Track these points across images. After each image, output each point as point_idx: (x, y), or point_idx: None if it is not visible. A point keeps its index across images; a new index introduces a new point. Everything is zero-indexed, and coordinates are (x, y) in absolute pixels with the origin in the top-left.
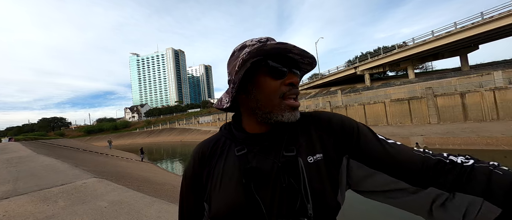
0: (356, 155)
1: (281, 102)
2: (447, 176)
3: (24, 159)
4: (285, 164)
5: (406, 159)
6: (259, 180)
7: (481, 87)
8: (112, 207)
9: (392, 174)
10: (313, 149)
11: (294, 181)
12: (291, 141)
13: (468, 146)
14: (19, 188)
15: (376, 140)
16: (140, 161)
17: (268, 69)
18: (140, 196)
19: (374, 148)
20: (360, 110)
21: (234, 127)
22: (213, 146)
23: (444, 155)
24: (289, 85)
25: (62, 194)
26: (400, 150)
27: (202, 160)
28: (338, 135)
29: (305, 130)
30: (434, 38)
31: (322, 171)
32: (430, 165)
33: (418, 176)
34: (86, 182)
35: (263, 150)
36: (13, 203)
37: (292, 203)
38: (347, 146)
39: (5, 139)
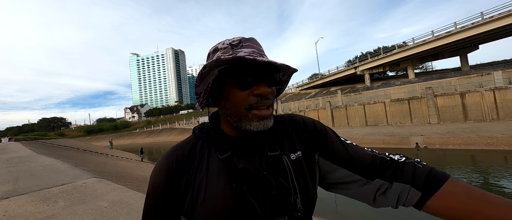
0: (325, 153)
1: (248, 112)
2: (388, 170)
3: (24, 159)
4: (273, 164)
5: (361, 157)
6: (249, 182)
7: (481, 87)
8: (112, 207)
9: (350, 169)
10: (293, 147)
11: (283, 179)
12: (274, 141)
13: (468, 146)
14: (19, 188)
15: (339, 141)
16: (140, 161)
17: (233, 79)
18: (140, 196)
19: (338, 148)
20: (360, 110)
21: (212, 129)
22: (189, 151)
23: (386, 154)
24: (258, 96)
25: (62, 194)
26: (356, 150)
27: (179, 168)
28: (311, 135)
29: (284, 131)
30: (434, 38)
31: (303, 167)
32: (377, 161)
33: (368, 170)
34: (86, 182)
35: (247, 152)
36: (13, 203)
37: (283, 200)
38: (318, 145)
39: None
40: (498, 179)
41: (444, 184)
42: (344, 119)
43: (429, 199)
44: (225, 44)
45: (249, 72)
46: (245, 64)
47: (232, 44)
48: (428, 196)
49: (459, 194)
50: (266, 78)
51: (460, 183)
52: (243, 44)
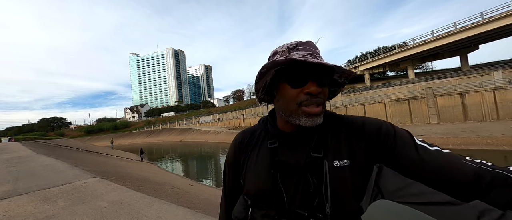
0: (391, 163)
1: (298, 109)
2: (505, 191)
3: (24, 159)
4: (310, 164)
5: (454, 169)
6: (285, 172)
7: (481, 87)
8: (112, 207)
9: (433, 186)
10: (340, 153)
11: (317, 180)
12: (320, 143)
13: (468, 146)
14: (19, 188)
15: (414, 147)
16: (140, 161)
17: (286, 77)
18: (140, 196)
19: (411, 156)
20: (360, 110)
21: (269, 122)
22: (250, 136)
23: (510, 169)
24: (308, 94)
25: (62, 194)
26: (447, 159)
27: (241, 146)
28: (370, 142)
29: (335, 134)
30: (434, 38)
31: (346, 176)
32: (486, 179)
33: (466, 188)
34: (86, 182)
35: (292, 147)
36: (13, 203)
37: (312, 199)
38: (380, 154)
39: (5, 139)
40: None
41: None
42: None
43: None
44: (283, 47)
45: (301, 72)
46: (298, 64)
47: (289, 47)
48: None
49: None
50: (318, 78)
51: None
52: (299, 47)
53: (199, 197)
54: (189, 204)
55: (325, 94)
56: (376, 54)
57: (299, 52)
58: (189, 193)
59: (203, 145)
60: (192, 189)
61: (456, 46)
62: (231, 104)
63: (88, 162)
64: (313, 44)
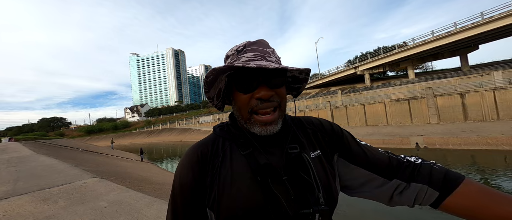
0: (343, 154)
1: (251, 116)
2: (405, 171)
3: (24, 159)
4: (295, 159)
5: (378, 157)
6: (273, 176)
7: (481, 87)
8: (112, 207)
9: (368, 169)
10: (313, 146)
11: (305, 173)
12: (293, 139)
13: (468, 146)
14: (19, 188)
15: (355, 142)
16: (140, 161)
17: (236, 83)
18: (140, 196)
19: (355, 149)
20: (360, 110)
21: (232, 127)
22: (212, 148)
23: (402, 156)
24: (258, 99)
25: (62, 194)
26: (372, 151)
27: (204, 163)
28: (329, 136)
29: (303, 131)
30: (434, 38)
31: (323, 164)
32: (394, 162)
33: (386, 170)
34: (86, 182)
35: (267, 148)
36: (13, 203)
37: (308, 194)
38: (336, 146)
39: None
40: (498, 178)
41: (460, 185)
42: (344, 119)
43: (445, 199)
44: (233, 50)
45: (248, 76)
46: (243, 69)
47: (238, 50)
48: (445, 196)
49: (474, 193)
50: (268, 81)
51: (475, 183)
52: (247, 48)
53: None
54: None
55: (281, 95)
56: (376, 54)
57: (246, 54)
58: None
59: None
60: None
61: (456, 46)
62: None
63: (88, 162)
64: (264, 43)
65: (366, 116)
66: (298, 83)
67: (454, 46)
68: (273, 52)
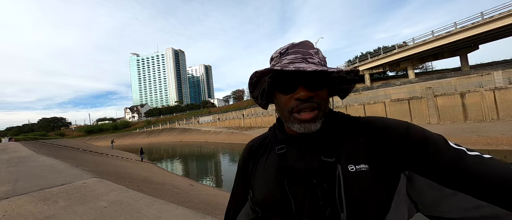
0: (424, 170)
1: (290, 115)
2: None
3: (24, 159)
4: (320, 169)
5: (502, 175)
6: (292, 178)
7: (481, 87)
8: (112, 207)
9: (480, 196)
10: (356, 158)
11: (328, 186)
12: (331, 146)
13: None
14: (19, 188)
15: (451, 150)
16: (140, 161)
17: (276, 85)
18: (140, 196)
19: (450, 160)
20: (360, 110)
21: (277, 128)
22: (261, 143)
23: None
24: (297, 100)
25: (62, 194)
26: (491, 164)
27: (250, 153)
28: (395, 146)
29: (353, 137)
30: (434, 38)
31: (365, 183)
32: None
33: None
34: (86, 182)
35: (301, 151)
36: (13, 203)
37: (324, 208)
38: (408, 160)
39: (5, 139)
40: None
41: None
42: None
43: None
44: (277, 53)
45: (288, 78)
46: (283, 71)
47: (281, 52)
48: None
49: None
50: (308, 82)
51: None
52: (289, 51)
53: (199, 197)
54: (189, 204)
55: (322, 96)
56: (376, 54)
57: (288, 57)
58: (189, 193)
59: (203, 145)
60: (192, 189)
61: (456, 46)
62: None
63: (88, 162)
64: (307, 45)
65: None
66: (346, 84)
67: (454, 46)
68: (317, 53)
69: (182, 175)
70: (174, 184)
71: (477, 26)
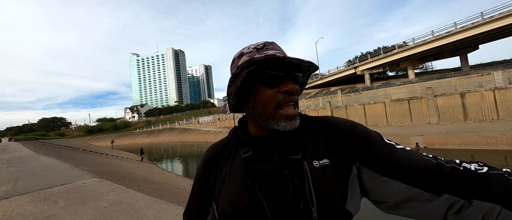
0: (368, 162)
1: (276, 112)
2: (463, 183)
3: (24, 159)
4: (290, 166)
5: (419, 164)
6: (263, 181)
7: (481, 87)
8: (112, 207)
9: (406, 181)
10: (319, 154)
11: (299, 183)
12: (297, 144)
13: (468, 146)
14: (19, 188)
15: (386, 146)
16: (140, 161)
17: (262, 78)
18: (140, 196)
19: (386, 155)
20: (360, 110)
21: (240, 131)
22: (222, 149)
23: (457, 162)
24: (285, 93)
25: (62, 194)
26: (412, 156)
27: (211, 162)
28: (347, 142)
29: (312, 135)
30: (434, 38)
31: (328, 176)
32: (444, 171)
33: (432, 182)
34: (86, 182)
35: (268, 152)
36: (13, 203)
37: (296, 205)
38: (357, 154)
39: (5, 139)
40: None
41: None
42: None
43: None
44: (250, 48)
45: (277, 71)
46: (273, 63)
47: (257, 47)
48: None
49: None
50: (292, 76)
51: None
52: (267, 47)
53: None
54: None
55: (299, 92)
56: (376, 54)
57: (269, 52)
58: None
59: (203, 145)
60: None
61: (456, 46)
62: None
63: (88, 162)
64: (278, 45)
65: (366, 116)
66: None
67: (454, 46)
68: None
69: (182, 175)
70: (174, 184)
71: (477, 26)
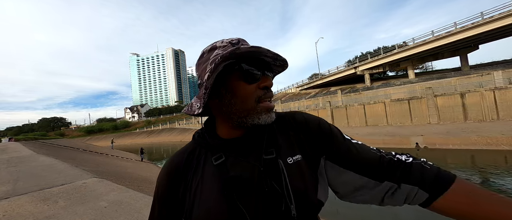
0: (331, 156)
1: (257, 105)
2: (396, 171)
3: (24, 159)
4: (267, 168)
5: (369, 158)
6: (241, 188)
7: (481, 87)
8: (112, 207)
9: (358, 172)
10: (292, 150)
11: (276, 184)
12: (270, 143)
13: (468, 146)
14: (19, 188)
15: (345, 141)
16: (140, 161)
17: (241, 73)
18: (140, 196)
19: (345, 149)
20: (360, 110)
21: (207, 134)
22: (187, 158)
23: (393, 154)
24: (264, 88)
25: (62, 194)
26: (364, 150)
27: (177, 174)
28: (315, 137)
29: (283, 131)
30: (434, 38)
31: (302, 170)
32: (385, 162)
33: (377, 172)
34: (86, 182)
35: (241, 156)
36: (13, 203)
37: (277, 206)
38: (323, 148)
39: (5, 139)
40: (498, 179)
41: (451, 186)
42: (344, 119)
43: (435, 200)
44: (224, 42)
45: (256, 66)
46: (250, 58)
47: (232, 42)
48: (435, 197)
49: (465, 195)
50: (268, 72)
51: (466, 184)
52: (242, 43)
53: None
54: None
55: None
56: (376, 54)
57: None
58: None
59: None
60: None
61: (456, 46)
62: None
63: (88, 162)
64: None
65: (366, 116)
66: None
67: (454, 46)
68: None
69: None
70: None
71: (477, 26)
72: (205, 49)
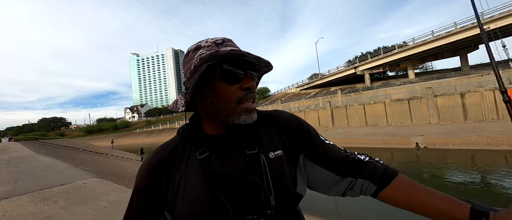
0: (309, 154)
1: (237, 106)
2: (356, 168)
3: (24, 159)
4: (248, 163)
5: (338, 157)
6: (224, 183)
7: (481, 87)
8: (112, 207)
9: (329, 169)
10: (274, 146)
11: (258, 178)
12: (253, 139)
13: (468, 146)
14: (19, 188)
15: (321, 141)
16: (140, 161)
17: (223, 74)
18: None
19: (321, 149)
20: (360, 110)
21: (192, 130)
22: (171, 152)
23: (355, 153)
24: (246, 89)
25: (62, 194)
26: (334, 150)
27: (159, 168)
28: (295, 135)
29: (266, 128)
30: (434, 38)
31: (282, 165)
32: (349, 160)
33: (342, 169)
34: (86, 182)
35: (225, 151)
36: (13, 203)
37: (256, 197)
38: (302, 146)
39: (5, 139)
40: (498, 179)
41: (393, 180)
42: (344, 119)
43: (381, 192)
44: (208, 42)
45: (238, 67)
46: (234, 60)
47: (216, 42)
48: (381, 189)
49: (403, 187)
50: (251, 73)
51: (406, 179)
52: (227, 43)
53: None
54: None
55: (255, 88)
56: (376, 54)
57: (228, 48)
58: None
59: None
60: None
61: (456, 46)
62: None
63: (88, 162)
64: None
65: (366, 116)
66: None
67: (454, 46)
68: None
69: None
70: None
71: (477, 26)
72: (190, 48)
